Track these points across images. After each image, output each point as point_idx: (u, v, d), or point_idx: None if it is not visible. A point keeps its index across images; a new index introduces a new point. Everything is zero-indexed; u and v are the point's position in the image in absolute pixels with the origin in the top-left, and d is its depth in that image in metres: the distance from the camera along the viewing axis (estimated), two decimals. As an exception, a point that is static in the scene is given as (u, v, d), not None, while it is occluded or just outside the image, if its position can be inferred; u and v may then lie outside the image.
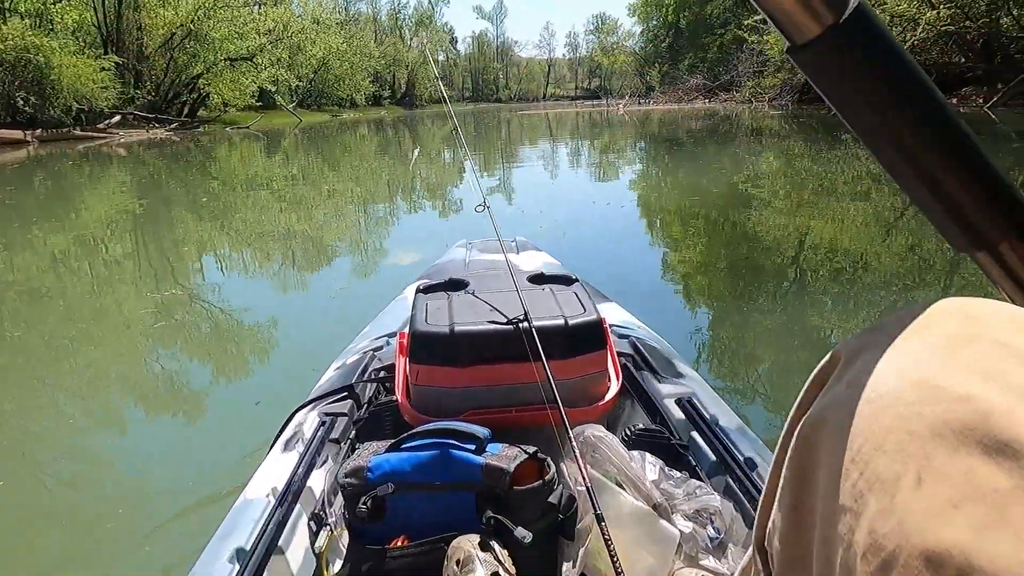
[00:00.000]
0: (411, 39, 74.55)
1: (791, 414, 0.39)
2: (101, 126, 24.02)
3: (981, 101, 17.16)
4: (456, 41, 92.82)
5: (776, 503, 0.39)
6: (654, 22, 54.01)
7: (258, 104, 35.79)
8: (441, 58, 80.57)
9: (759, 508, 0.42)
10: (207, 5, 29.10)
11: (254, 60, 32.10)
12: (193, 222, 8.01)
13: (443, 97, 2.39)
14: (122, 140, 22.93)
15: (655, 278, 5.02)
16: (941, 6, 16.92)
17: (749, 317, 4.00)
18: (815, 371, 0.39)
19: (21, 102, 21.11)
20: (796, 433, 0.37)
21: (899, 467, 0.30)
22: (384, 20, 75.86)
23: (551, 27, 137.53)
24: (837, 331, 3.67)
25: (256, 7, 35.48)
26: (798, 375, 2.99)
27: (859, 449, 0.32)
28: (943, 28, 16.97)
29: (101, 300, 4.88)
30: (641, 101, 44.86)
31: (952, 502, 0.27)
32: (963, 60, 18.40)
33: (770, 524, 0.40)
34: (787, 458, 0.38)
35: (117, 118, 25.05)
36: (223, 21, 29.72)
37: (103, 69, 23.99)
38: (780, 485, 0.39)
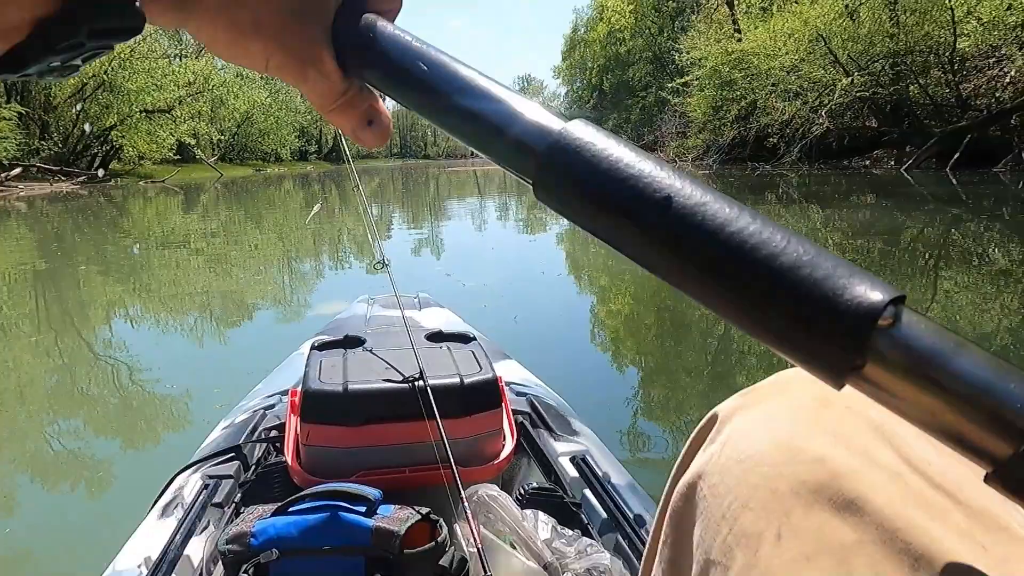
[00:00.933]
0: (338, 95, 74.55)
1: (672, 472, 0.40)
2: (-2, 179, 22.44)
3: (893, 163, 18.00)
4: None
5: (657, 558, 0.40)
6: (578, 84, 55.65)
7: (176, 157, 34.54)
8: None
9: (643, 562, 0.43)
10: (122, 56, 28.06)
11: (172, 112, 30.99)
12: (100, 280, 7.53)
13: (345, 155, 2.24)
14: (22, 194, 21.43)
15: (572, 334, 4.94)
16: (855, 73, 17.80)
17: (657, 374, 3.98)
18: (695, 431, 0.40)
19: (-94, 153, 19.47)
20: (675, 491, 0.39)
21: (763, 523, 0.32)
22: (311, 76, 75.81)
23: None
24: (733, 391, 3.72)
25: (176, 59, 34.47)
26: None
27: (729, 506, 0.34)
28: (857, 94, 17.81)
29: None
30: (568, 159, 45.56)
31: (806, 556, 0.30)
32: (875, 124, 19.35)
33: None
34: (667, 515, 0.39)
35: (17, 170, 23.48)
36: (139, 72, 28.68)
37: (3, 119, 22.54)
38: (661, 540, 0.40)
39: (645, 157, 0.28)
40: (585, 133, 0.29)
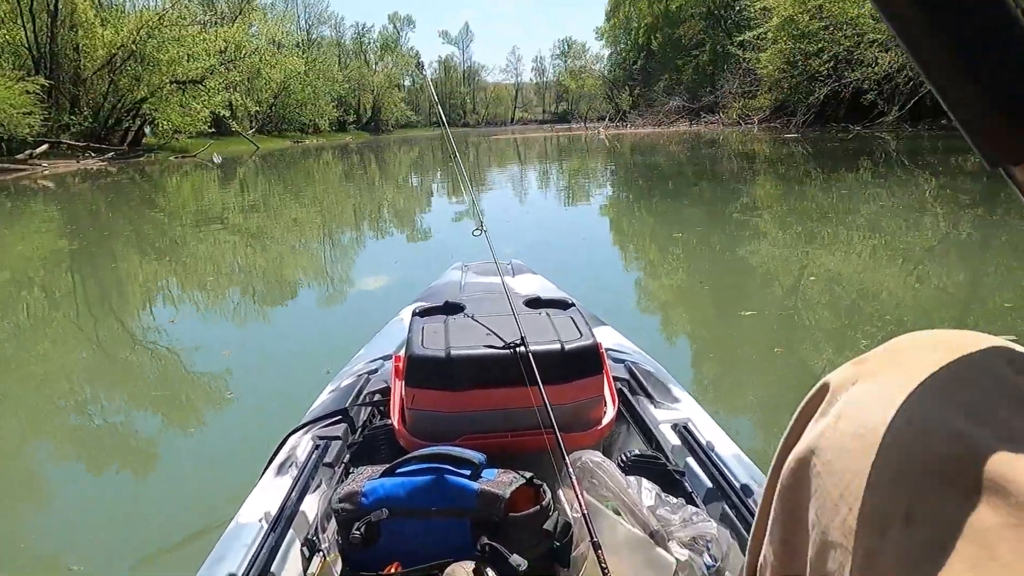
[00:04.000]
0: (376, 63, 72.81)
1: (779, 446, 0.38)
2: (21, 157, 21.33)
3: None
4: (422, 66, 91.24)
5: (767, 536, 0.38)
6: (622, 45, 53.00)
7: (212, 130, 33.32)
8: (407, 83, 78.79)
9: (750, 540, 0.41)
10: (151, 24, 26.74)
11: (204, 83, 29.66)
12: (137, 259, 7.40)
13: (442, 122, 2.33)
14: (46, 172, 20.40)
15: (648, 306, 4.96)
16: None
17: (743, 344, 3.83)
18: (803, 402, 0.38)
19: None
20: (785, 466, 0.37)
21: (889, 504, 0.29)
22: (348, 44, 73.98)
23: (518, 52, 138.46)
24: (836, 359, 3.35)
25: (207, 26, 33.04)
26: (791, 403, 1.87)
27: (848, 485, 0.31)
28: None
29: (30, 349, 4.45)
30: (619, 124, 43.28)
31: (941, 540, 0.27)
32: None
33: (762, 558, 0.39)
34: (776, 491, 0.37)
35: (43, 147, 22.42)
36: (169, 41, 27.35)
37: (26, 92, 21.38)
38: (771, 518, 0.38)
39: None
40: None
